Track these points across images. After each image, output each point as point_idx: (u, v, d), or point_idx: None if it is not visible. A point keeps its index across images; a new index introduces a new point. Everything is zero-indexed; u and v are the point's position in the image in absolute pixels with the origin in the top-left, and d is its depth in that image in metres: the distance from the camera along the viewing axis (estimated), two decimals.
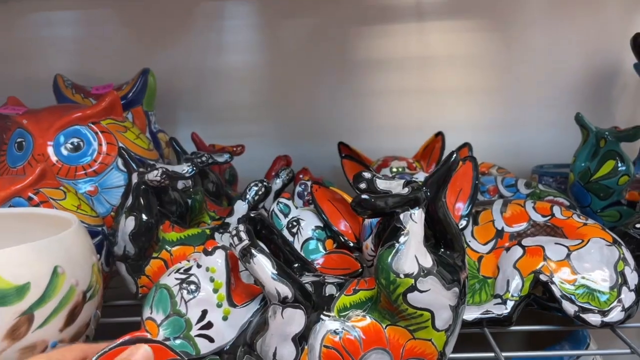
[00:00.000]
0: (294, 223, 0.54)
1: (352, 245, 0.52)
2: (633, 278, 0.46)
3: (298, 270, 0.41)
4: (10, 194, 0.49)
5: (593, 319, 0.45)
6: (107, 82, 0.78)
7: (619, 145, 0.64)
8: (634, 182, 0.65)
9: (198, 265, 0.38)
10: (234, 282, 0.39)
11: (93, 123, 0.62)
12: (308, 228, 0.53)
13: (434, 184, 0.37)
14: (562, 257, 0.46)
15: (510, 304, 0.46)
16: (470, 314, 0.46)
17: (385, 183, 0.37)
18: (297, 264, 0.42)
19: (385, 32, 0.86)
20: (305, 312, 0.36)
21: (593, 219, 0.51)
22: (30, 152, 0.60)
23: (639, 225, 0.56)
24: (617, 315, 0.45)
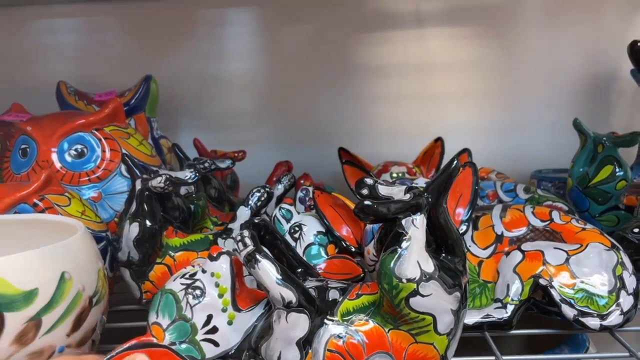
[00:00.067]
0: (296, 228, 0.54)
1: (353, 250, 0.53)
2: (631, 282, 0.46)
3: (301, 275, 0.42)
4: (16, 201, 0.50)
5: (592, 323, 0.45)
6: (109, 88, 0.79)
7: (617, 151, 0.65)
8: (632, 187, 0.66)
9: (203, 271, 0.39)
10: (239, 287, 0.39)
11: (97, 130, 0.62)
12: (310, 233, 0.54)
13: (435, 190, 0.38)
14: (561, 261, 0.47)
15: (511, 308, 0.47)
16: (471, 318, 0.47)
17: (387, 189, 0.38)
18: (300, 269, 0.42)
19: (385, 38, 0.87)
20: (309, 316, 0.36)
21: (591, 224, 0.52)
22: (35, 158, 0.61)
23: (637, 230, 0.57)
24: (615, 319, 0.45)
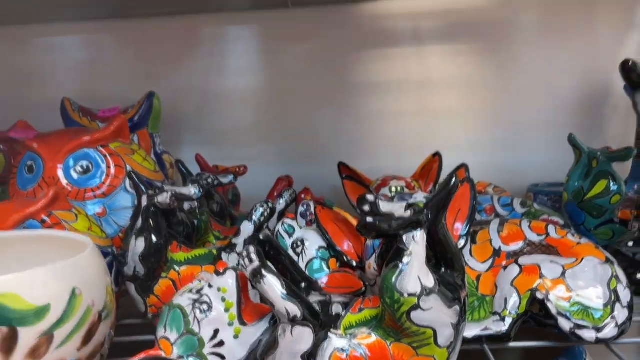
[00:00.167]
0: (299, 243, 0.55)
1: (355, 265, 0.54)
2: (626, 295, 0.48)
3: (305, 290, 0.43)
4: (25, 217, 0.51)
5: (588, 336, 0.46)
6: (113, 104, 0.80)
7: (611, 166, 0.66)
8: (626, 200, 0.67)
9: (210, 286, 0.40)
10: (244, 301, 0.40)
11: (102, 146, 0.63)
12: (312, 248, 0.55)
13: (435, 207, 0.39)
14: (557, 275, 0.48)
15: (509, 321, 0.48)
16: (470, 331, 0.48)
17: (388, 206, 0.39)
18: (303, 284, 0.43)
19: (384, 55, 0.88)
20: (314, 330, 0.37)
21: (587, 237, 0.53)
22: (41, 175, 0.62)
23: (631, 244, 0.59)
24: (611, 332, 0.46)
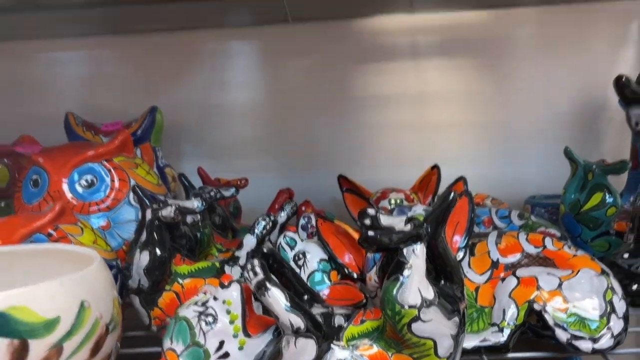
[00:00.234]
0: (300, 256, 0.56)
1: (355, 277, 0.55)
2: (621, 306, 0.49)
3: (308, 302, 0.44)
4: (32, 231, 0.52)
5: (584, 346, 0.47)
6: (116, 118, 0.81)
7: (607, 178, 0.67)
8: (622, 213, 0.69)
9: (215, 298, 0.41)
10: (249, 313, 0.41)
11: (106, 160, 0.64)
12: (314, 261, 0.56)
13: (434, 221, 0.40)
14: (554, 287, 0.49)
15: (507, 332, 0.49)
16: (469, 342, 0.49)
17: (388, 219, 0.40)
18: (306, 296, 0.44)
19: (383, 69, 0.90)
20: (317, 342, 0.38)
21: (584, 249, 0.54)
22: (46, 189, 0.63)
23: (627, 255, 0.60)
24: (607, 342, 0.47)
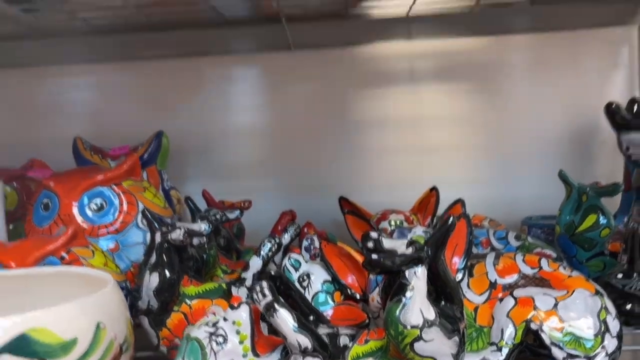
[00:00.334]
0: (305, 277, 0.58)
1: (358, 298, 0.57)
2: (615, 325, 0.50)
3: (314, 323, 0.45)
4: (45, 254, 0.53)
5: None
6: (123, 142, 0.83)
7: (600, 201, 0.69)
8: (616, 233, 0.70)
9: (225, 319, 0.43)
10: (257, 334, 0.43)
11: (115, 184, 0.66)
12: (317, 282, 0.57)
13: (434, 245, 0.42)
14: (550, 307, 0.50)
15: (505, 351, 0.50)
16: None
17: (391, 243, 0.42)
18: (312, 317, 0.46)
19: (382, 94, 0.93)
20: None
21: (580, 269, 0.56)
22: (57, 212, 0.64)
23: (620, 276, 0.62)
24: None
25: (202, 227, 0.58)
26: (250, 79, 0.94)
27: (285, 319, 0.40)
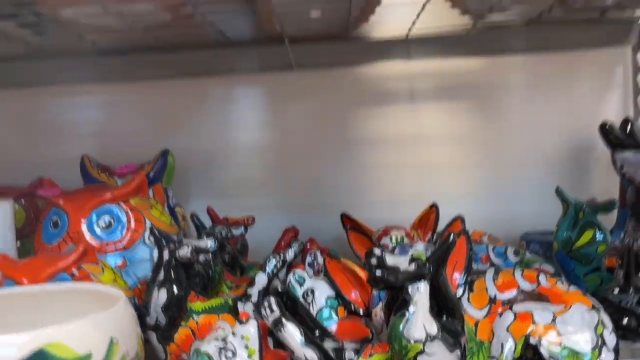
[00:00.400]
0: (309, 293, 0.59)
1: (361, 313, 0.58)
2: (611, 339, 0.51)
3: (319, 337, 0.47)
4: (57, 271, 0.55)
5: None
6: (129, 161, 0.85)
7: (597, 217, 0.70)
8: (612, 249, 0.71)
9: (233, 334, 0.44)
10: (265, 348, 0.44)
11: (123, 202, 0.68)
12: (322, 297, 0.59)
13: (436, 261, 0.44)
14: (548, 321, 0.52)
15: None
16: None
17: (393, 259, 0.44)
18: (317, 332, 0.48)
19: (382, 113, 0.95)
20: None
21: (577, 284, 0.57)
22: (66, 229, 0.65)
23: (617, 291, 0.63)
24: None
25: (208, 243, 0.60)
26: (254, 98, 0.96)
27: (293, 334, 0.41)
